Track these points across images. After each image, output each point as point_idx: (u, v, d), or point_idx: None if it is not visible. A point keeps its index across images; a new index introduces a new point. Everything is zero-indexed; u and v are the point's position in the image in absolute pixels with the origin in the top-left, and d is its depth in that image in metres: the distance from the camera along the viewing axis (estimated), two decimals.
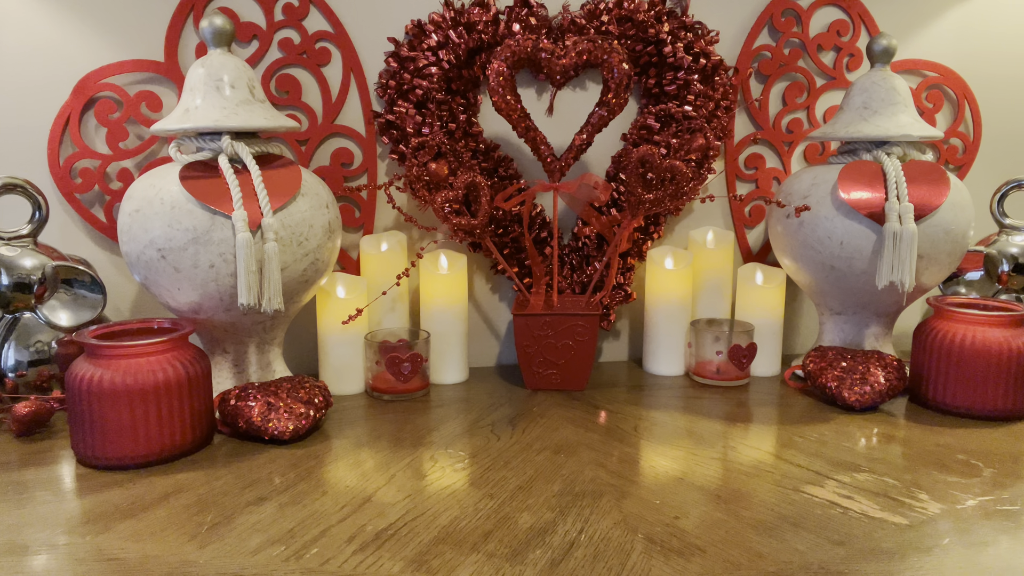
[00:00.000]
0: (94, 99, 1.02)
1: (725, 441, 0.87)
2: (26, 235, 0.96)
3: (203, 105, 0.88)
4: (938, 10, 1.21)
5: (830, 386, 0.97)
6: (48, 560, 0.62)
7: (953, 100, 1.25)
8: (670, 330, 1.11)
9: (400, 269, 1.04)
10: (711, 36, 1.12)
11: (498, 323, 1.19)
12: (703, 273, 1.14)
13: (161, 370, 0.79)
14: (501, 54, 0.97)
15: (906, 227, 0.94)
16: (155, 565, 0.61)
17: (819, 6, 1.17)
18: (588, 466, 0.80)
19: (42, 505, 0.71)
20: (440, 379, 1.08)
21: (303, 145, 1.07)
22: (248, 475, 0.78)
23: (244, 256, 0.83)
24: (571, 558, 0.62)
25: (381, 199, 1.11)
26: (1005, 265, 1.15)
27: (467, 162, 1.07)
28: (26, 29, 1.00)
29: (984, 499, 0.72)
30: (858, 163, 1.01)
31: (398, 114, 1.06)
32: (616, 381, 1.10)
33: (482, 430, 0.90)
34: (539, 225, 1.13)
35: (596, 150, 1.14)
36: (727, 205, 1.21)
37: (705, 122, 1.10)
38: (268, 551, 0.63)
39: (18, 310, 0.95)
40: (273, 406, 0.86)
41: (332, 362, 1.03)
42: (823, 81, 1.19)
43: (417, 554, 0.63)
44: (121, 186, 1.03)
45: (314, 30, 1.05)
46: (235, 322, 0.91)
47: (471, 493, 0.74)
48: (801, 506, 0.71)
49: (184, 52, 1.03)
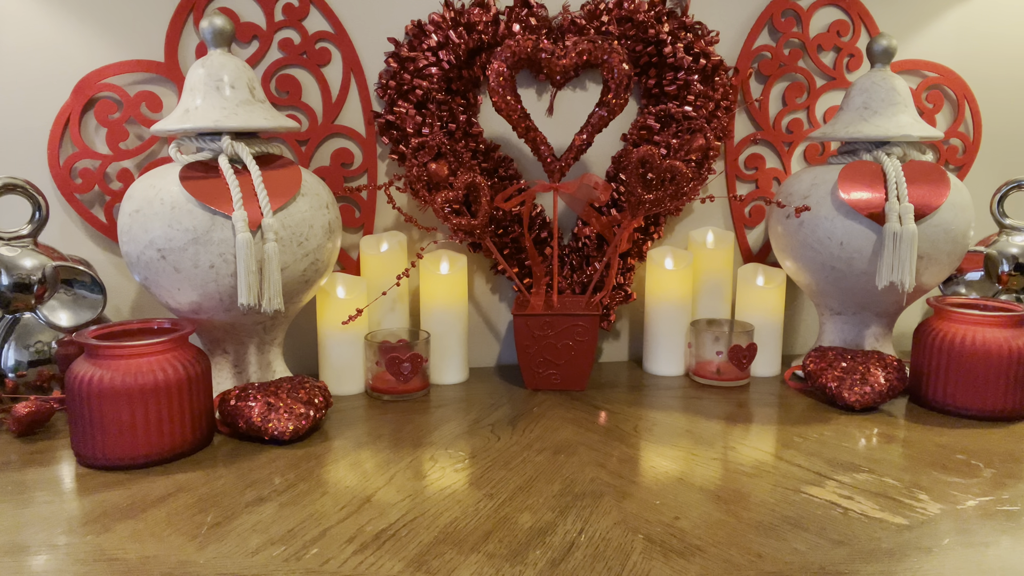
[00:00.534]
0: (94, 99, 1.02)
1: (725, 441, 0.87)
2: (26, 235, 0.96)
3: (203, 105, 0.88)
4: (938, 10, 1.21)
5: (830, 386, 0.97)
6: (48, 560, 0.62)
7: (953, 100, 1.25)
8: (670, 330, 1.11)
9: (400, 269, 1.04)
10: (711, 36, 1.12)
11: (498, 323, 1.19)
12: (703, 273, 1.14)
13: (161, 370, 0.79)
14: (501, 54, 0.97)
15: (906, 227, 0.94)
16: (155, 565, 0.61)
17: (819, 6, 1.17)
18: (588, 466, 0.80)
19: (42, 505, 0.71)
20: (440, 379, 1.08)
21: (303, 145, 1.07)
22: (248, 475, 0.78)
23: (244, 256, 0.83)
24: (571, 558, 0.62)
25: (381, 199, 1.11)
26: (1005, 265, 1.15)
27: (467, 162, 1.07)
28: (26, 29, 1.00)
29: (984, 499, 0.72)
30: (858, 163, 1.01)
31: (398, 114, 1.06)
32: (616, 381, 1.10)
33: (482, 430, 0.90)
34: (539, 225, 1.13)
35: (596, 150, 1.14)
36: (727, 205, 1.21)
37: (705, 122, 1.10)
38: (268, 551, 0.63)
39: (18, 310, 0.95)
40: (273, 406, 0.86)
41: (332, 362, 1.03)
42: (823, 81, 1.19)
43: (417, 554, 0.63)
44: (121, 186, 1.03)
45: (314, 30, 1.05)
46: (235, 322, 0.91)
47: (471, 493, 0.74)
48: (801, 506, 0.71)
49: (184, 52, 1.03)
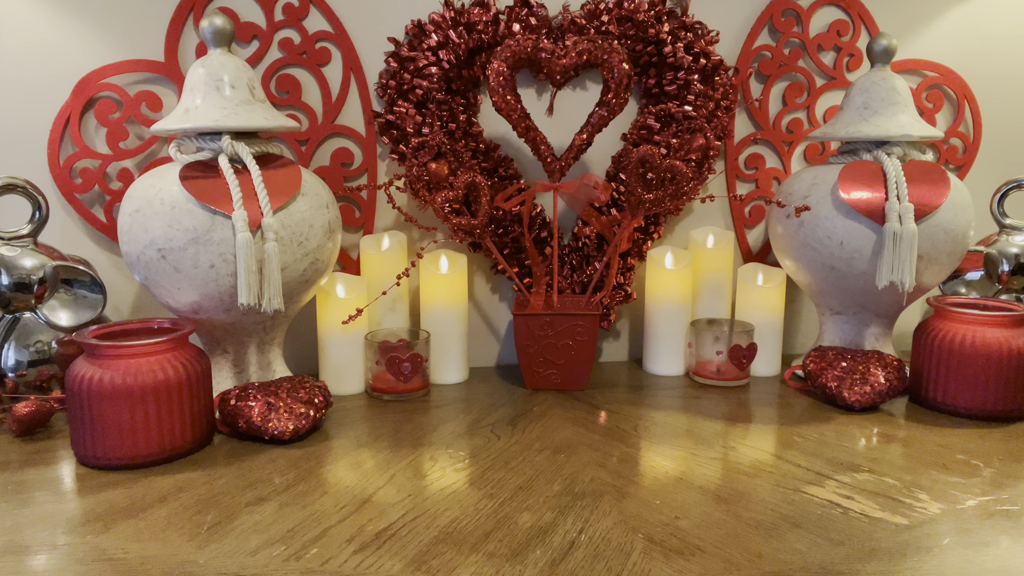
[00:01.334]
0: (94, 99, 1.02)
1: (725, 441, 0.87)
2: (26, 235, 0.96)
3: (203, 105, 0.88)
4: (938, 10, 1.21)
5: (830, 386, 0.97)
6: (48, 560, 0.62)
7: (953, 100, 1.25)
8: (670, 330, 1.11)
9: (400, 269, 1.04)
10: (711, 36, 1.12)
11: (498, 323, 1.19)
12: (703, 273, 1.14)
13: (161, 370, 0.79)
14: (501, 54, 0.97)
15: (906, 227, 0.94)
16: (155, 565, 0.61)
17: (819, 6, 1.17)
18: (588, 466, 0.80)
19: (42, 505, 0.71)
20: (440, 379, 1.08)
21: (303, 145, 1.07)
22: (248, 475, 0.78)
23: (244, 256, 0.83)
24: (571, 558, 0.62)
25: (381, 199, 1.11)
26: (1005, 265, 1.15)
27: (467, 162, 1.07)
28: (26, 29, 1.00)
29: (984, 499, 0.72)
30: (858, 163, 1.01)
31: (398, 114, 1.06)
32: (616, 381, 1.10)
33: (482, 430, 0.90)
34: (539, 225, 1.13)
35: (596, 150, 1.14)
36: (727, 205, 1.21)
37: (705, 122, 1.10)
38: (268, 551, 0.63)
39: (18, 310, 0.95)
40: (273, 406, 0.86)
41: (332, 362, 1.03)
42: (823, 81, 1.19)
43: (417, 554, 0.63)
44: (121, 186, 1.03)
45: (314, 30, 1.05)
46: (235, 322, 0.91)
47: (471, 493, 0.74)
48: (801, 506, 0.71)
49: (184, 52, 1.03)
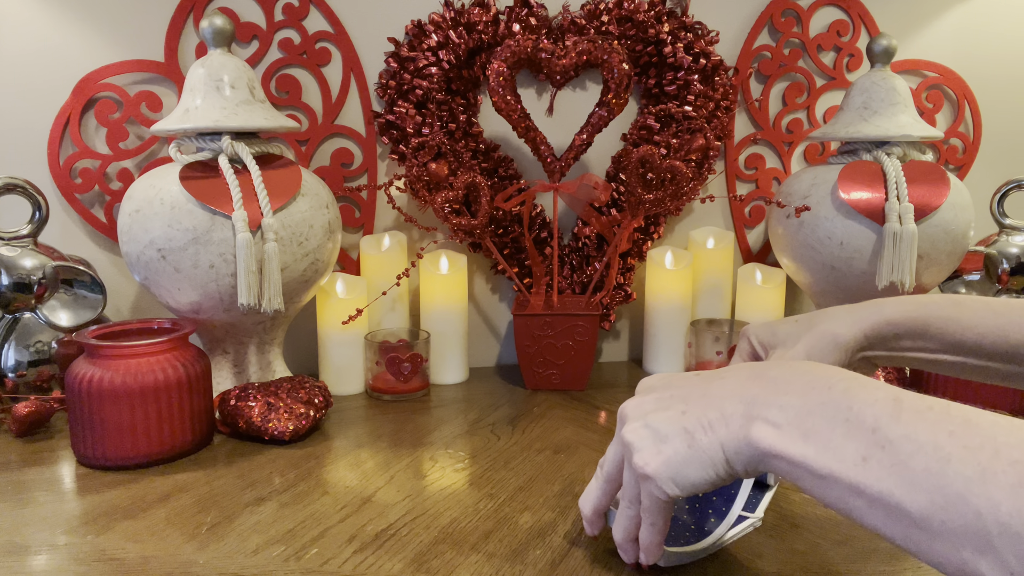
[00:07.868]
0: (94, 99, 1.02)
1: None
2: (26, 235, 0.96)
3: (203, 105, 0.88)
4: (938, 10, 1.21)
5: None
6: (48, 560, 0.62)
7: (953, 100, 1.25)
8: (670, 330, 1.11)
9: (400, 269, 1.04)
10: (711, 36, 1.12)
11: (498, 323, 1.19)
12: (703, 273, 1.14)
13: (161, 370, 0.79)
14: (501, 54, 0.97)
15: (906, 227, 0.94)
16: (155, 565, 0.61)
17: (819, 6, 1.17)
18: (588, 466, 0.80)
19: (42, 505, 0.71)
20: (440, 379, 1.08)
21: (303, 145, 1.07)
22: (248, 475, 0.78)
23: (244, 256, 0.83)
24: (571, 558, 0.62)
25: (381, 199, 1.11)
26: (1005, 265, 1.15)
27: (467, 162, 1.07)
28: (26, 30, 1.00)
29: None
30: (858, 163, 1.01)
31: (398, 114, 1.06)
32: (616, 381, 1.10)
33: (482, 430, 0.90)
34: (539, 225, 1.13)
35: (596, 150, 1.14)
36: (727, 205, 1.21)
37: (705, 122, 1.10)
38: (268, 551, 0.63)
39: (18, 310, 0.95)
40: (273, 406, 0.86)
41: (332, 362, 1.03)
42: (823, 81, 1.19)
43: (417, 554, 0.63)
44: (121, 186, 1.03)
45: (314, 30, 1.05)
46: (235, 322, 0.91)
47: (471, 493, 0.74)
48: (801, 506, 0.71)
49: (184, 52, 1.03)
